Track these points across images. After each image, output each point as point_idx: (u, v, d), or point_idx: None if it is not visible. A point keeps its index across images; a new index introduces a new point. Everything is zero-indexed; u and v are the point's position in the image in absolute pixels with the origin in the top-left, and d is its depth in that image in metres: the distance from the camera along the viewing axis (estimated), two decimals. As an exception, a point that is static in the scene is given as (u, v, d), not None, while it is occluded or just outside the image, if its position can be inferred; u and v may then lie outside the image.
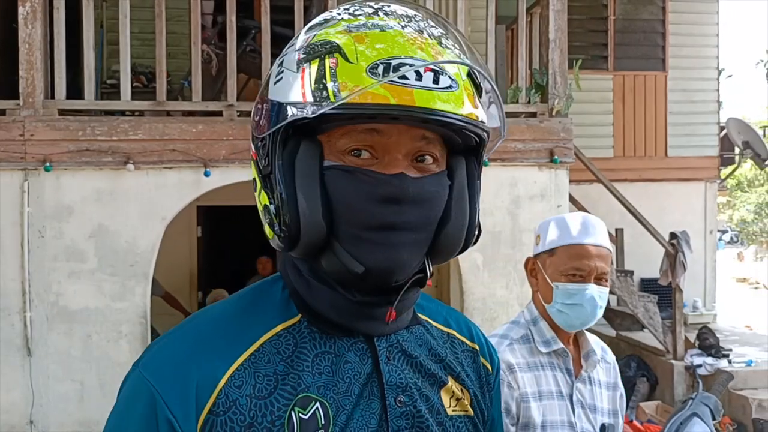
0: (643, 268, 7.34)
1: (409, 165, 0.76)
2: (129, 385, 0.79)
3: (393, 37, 0.74)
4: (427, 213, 0.77)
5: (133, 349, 4.30)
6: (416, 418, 0.81)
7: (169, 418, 0.73)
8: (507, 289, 4.69)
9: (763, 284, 18.04)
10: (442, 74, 0.74)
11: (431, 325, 0.90)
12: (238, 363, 0.77)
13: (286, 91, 0.75)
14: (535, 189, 4.70)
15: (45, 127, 4.24)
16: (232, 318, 0.81)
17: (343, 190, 0.75)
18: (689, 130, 8.22)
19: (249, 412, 0.74)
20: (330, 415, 0.76)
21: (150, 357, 0.79)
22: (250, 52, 5.16)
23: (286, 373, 0.77)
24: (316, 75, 0.73)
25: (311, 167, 0.75)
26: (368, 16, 0.78)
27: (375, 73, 0.71)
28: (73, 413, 4.26)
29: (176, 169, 4.37)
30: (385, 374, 0.80)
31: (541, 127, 4.70)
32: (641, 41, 8.23)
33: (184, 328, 0.82)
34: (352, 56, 0.72)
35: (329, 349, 0.79)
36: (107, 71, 6.69)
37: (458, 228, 0.80)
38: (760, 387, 5.87)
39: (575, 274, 1.57)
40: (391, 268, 0.75)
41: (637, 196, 7.26)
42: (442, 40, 0.79)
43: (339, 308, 0.79)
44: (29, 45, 4.21)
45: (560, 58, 4.76)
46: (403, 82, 0.71)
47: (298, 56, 0.76)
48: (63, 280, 4.25)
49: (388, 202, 0.74)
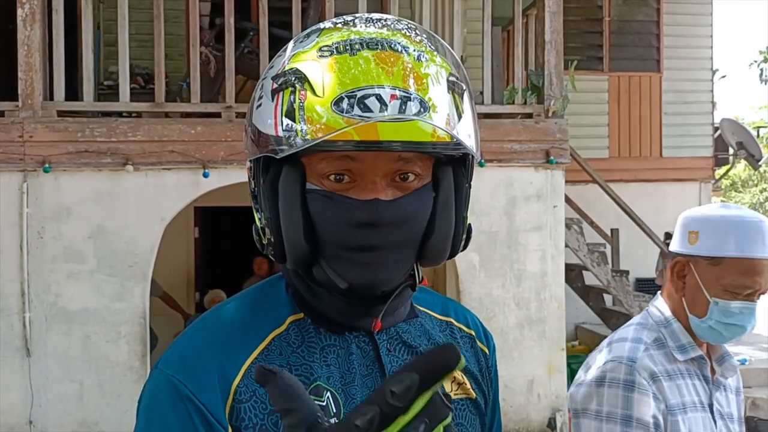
0: (639, 268, 7.38)
1: (388, 186, 0.78)
2: (152, 384, 0.81)
3: (362, 61, 0.75)
4: (407, 232, 0.79)
5: (132, 349, 4.32)
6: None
7: (199, 406, 0.76)
8: (503, 288, 4.73)
9: (758, 284, 18.13)
10: (411, 100, 0.73)
11: (430, 315, 0.93)
12: (253, 357, 0.80)
13: (264, 119, 0.78)
14: (531, 189, 4.74)
15: (44, 128, 4.25)
16: (242, 315, 0.84)
17: (322, 214, 0.78)
18: (684, 131, 8.27)
19: (269, 400, 0.77)
20: (340, 404, 0.80)
21: (169, 356, 0.82)
22: (248, 54, 5.18)
23: (299, 363, 0.81)
24: (286, 107, 0.75)
25: (293, 191, 0.78)
26: (343, 33, 0.78)
27: (339, 107, 0.72)
28: (73, 413, 4.28)
29: (175, 170, 4.39)
30: (386, 365, 0.84)
31: (537, 128, 4.74)
32: (636, 42, 8.28)
33: (198, 326, 0.85)
34: (318, 88, 0.74)
35: (334, 342, 0.83)
36: (104, 73, 6.70)
37: (442, 239, 0.82)
38: (755, 385, 5.92)
39: (740, 292, 1.35)
40: (372, 284, 0.79)
41: (632, 196, 7.31)
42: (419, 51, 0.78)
43: (337, 309, 0.82)
44: (28, 47, 4.22)
45: (556, 59, 4.80)
46: (367, 116, 0.72)
47: (272, 84, 0.78)
48: (62, 281, 4.27)
49: (363, 227, 0.77)
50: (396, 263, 0.80)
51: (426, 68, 0.77)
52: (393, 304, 0.83)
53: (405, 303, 0.87)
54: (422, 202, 0.80)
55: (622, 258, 6.94)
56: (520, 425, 4.69)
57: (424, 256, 0.82)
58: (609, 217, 6.75)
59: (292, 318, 0.84)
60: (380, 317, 0.82)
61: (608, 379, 1.35)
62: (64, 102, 4.36)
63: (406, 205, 0.78)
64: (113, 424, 4.28)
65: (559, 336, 4.80)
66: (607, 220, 6.79)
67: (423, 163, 0.79)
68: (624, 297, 6.23)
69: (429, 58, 0.78)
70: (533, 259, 4.74)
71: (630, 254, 7.10)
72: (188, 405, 0.76)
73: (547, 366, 4.74)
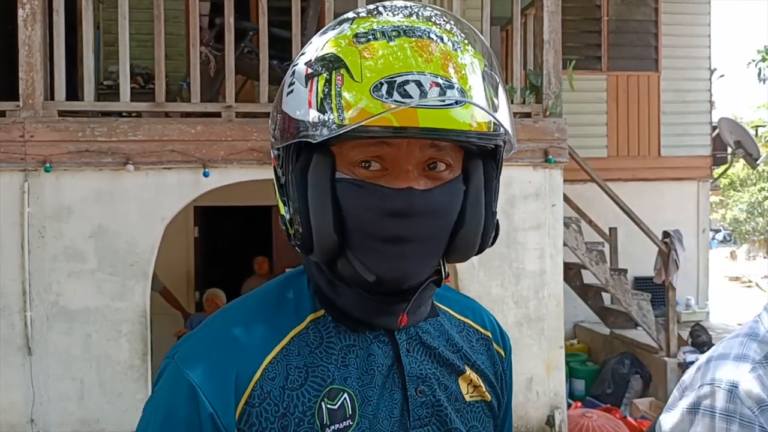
0: (637, 266, 7.42)
1: (420, 175, 0.77)
2: (168, 378, 0.80)
3: (399, 48, 0.73)
4: (438, 224, 0.78)
5: (133, 348, 4.34)
6: (436, 407, 0.84)
7: (211, 412, 0.76)
8: (502, 287, 4.75)
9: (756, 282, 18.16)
10: (450, 87, 0.72)
11: (449, 314, 0.93)
12: (271, 356, 0.80)
13: (296, 105, 0.76)
14: (530, 189, 4.76)
15: (45, 128, 4.27)
16: (262, 312, 0.84)
17: (352, 203, 0.76)
18: (682, 130, 8.30)
19: (282, 402, 0.78)
20: (356, 406, 0.80)
21: (187, 351, 0.81)
22: (248, 54, 5.19)
23: (316, 365, 0.81)
24: (322, 92, 0.74)
25: (323, 180, 0.76)
26: (378, 20, 0.77)
27: (379, 92, 0.71)
28: (74, 412, 4.29)
29: (175, 169, 4.40)
30: (405, 366, 0.83)
31: (536, 128, 4.76)
32: (634, 42, 8.31)
33: (217, 322, 0.84)
34: (356, 73, 0.72)
35: (354, 342, 0.83)
36: (104, 72, 6.72)
37: (472, 233, 0.80)
38: None
39: None
40: (401, 277, 0.78)
41: (630, 195, 7.34)
42: (453, 41, 0.77)
43: (360, 306, 0.81)
44: (29, 47, 4.24)
45: (554, 58, 4.82)
46: (407, 102, 0.70)
47: (306, 70, 0.76)
48: (63, 280, 4.29)
49: (395, 216, 0.75)
50: (424, 256, 0.78)
51: (462, 58, 0.75)
52: (417, 302, 0.82)
53: (427, 301, 0.86)
54: (454, 194, 0.79)
55: (621, 257, 6.98)
56: (519, 422, 4.71)
57: (452, 251, 0.81)
58: (607, 216, 6.78)
59: (312, 316, 0.84)
60: (406, 311, 0.81)
61: (703, 407, 1.07)
62: (65, 102, 4.38)
63: (438, 195, 0.77)
64: (114, 422, 4.29)
65: (557, 334, 4.82)
66: (606, 219, 6.82)
67: (455, 154, 0.78)
68: (622, 295, 6.25)
69: (463, 48, 0.77)
70: (532, 257, 4.76)
71: (628, 253, 7.14)
72: (201, 410, 0.76)
73: (545, 364, 4.77)
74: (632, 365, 6.40)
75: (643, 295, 6.35)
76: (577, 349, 7.60)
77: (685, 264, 7.71)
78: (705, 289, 8.51)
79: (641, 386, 6.28)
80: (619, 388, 6.27)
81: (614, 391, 6.28)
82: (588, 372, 6.82)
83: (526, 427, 4.72)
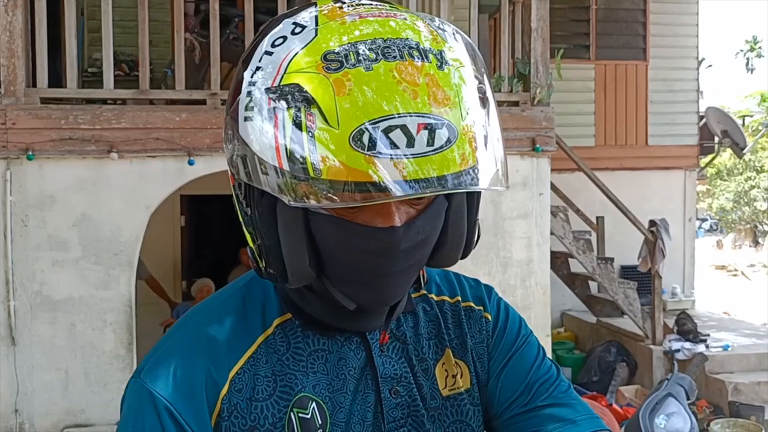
0: (625, 255, 7.44)
1: (401, 203, 0.70)
2: (135, 398, 0.75)
3: (379, 79, 0.63)
4: (421, 252, 0.74)
5: (118, 337, 4.31)
6: (411, 408, 0.82)
7: (182, 424, 0.73)
8: (490, 276, 4.75)
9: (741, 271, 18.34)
10: (440, 128, 0.63)
11: (425, 297, 0.89)
12: (237, 367, 0.76)
13: (260, 143, 0.66)
14: (518, 177, 4.75)
15: (27, 115, 4.21)
16: (227, 320, 0.79)
17: (329, 240, 0.71)
18: (669, 119, 8.33)
19: (249, 415, 0.75)
20: (326, 414, 0.77)
21: (153, 369, 0.76)
22: (233, 40, 5.15)
23: (284, 373, 0.77)
24: (291, 134, 0.63)
25: (295, 215, 0.70)
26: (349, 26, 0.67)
27: (360, 144, 0.62)
28: (59, 402, 4.27)
29: (160, 157, 4.36)
30: (378, 367, 0.81)
31: (523, 116, 4.75)
32: (623, 31, 8.31)
33: (180, 334, 0.80)
34: (331, 117, 0.62)
35: (322, 347, 0.79)
36: (88, 59, 6.64)
37: (454, 248, 0.78)
38: (737, 371, 6.01)
39: None
40: (383, 302, 0.76)
41: (618, 184, 7.36)
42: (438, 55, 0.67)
43: (331, 315, 0.78)
44: (10, 33, 4.17)
45: (542, 47, 4.81)
46: (394, 154, 0.62)
47: (269, 102, 0.65)
48: (47, 269, 4.25)
49: (379, 256, 0.70)
50: (406, 280, 0.76)
51: (451, 77, 0.66)
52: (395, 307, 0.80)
53: (403, 300, 0.83)
54: (436, 218, 0.74)
55: (608, 245, 7.01)
56: (505, 411, 4.74)
57: (434, 263, 0.78)
58: (595, 205, 6.80)
59: (279, 320, 0.80)
60: (386, 328, 0.78)
61: None
62: (48, 89, 4.32)
63: (421, 226, 0.72)
64: (99, 412, 4.27)
65: (544, 322, 4.84)
66: (593, 208, 6.85)
67: None
68: (609, 284, 6.29)
69: (451, 60, 0.67)
70: (519, 246, 4.77)
71: (615, 242, 7.17)
72: (169, 420, 0.72)
73: (532, 352, 4.79)
74: (618, 353, 6.44)
75: (630, 284, 6.38)
76: (564, 337, 7.65)
77: (672, 253, 7.75)
78: (691, 278, 8.57)
79: (627, 374, 6.33)
80: (605, 375, 6.31)
81: (600, 378, 6.32)
82: (575, 360, 6.86)
83: (512, 415, 4.75)
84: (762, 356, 6.14)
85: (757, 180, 20.09)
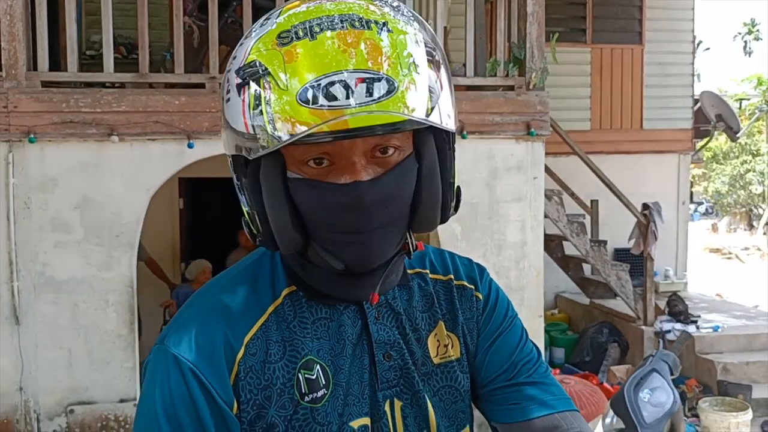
0: (619, 238, 7.53)
1: (369, 163, 0.78)
2: (162, 362, 0.82)
3: (322, 45, 0.73)
4: (392, 209, 0.80)
5: (120, 317, 4.40)
6: (403, 370, 0.90)
7: (206, 384, 0.80)
8: (484, 258, 4.83)
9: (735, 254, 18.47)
10: (378, 80, 0.72)
11: (421, 274, 0.96)
12: (252, 333, 0.84)
13: (234, 115, 0.77)
14: (512, 161, 4.82)
15: (28, 99, 4.26)
16: (241, 288, 0.87)
17: (306, 201, 0.79)
18: (664, 103, 8.38)
19: (264, 375, 0.83)
20: (329, 375, 0.86)
21: (176, 336, 0.83)
22: (232, 24, 5.17)
23: (292, 338, 0.86)
24: (253, 103, 0.74)
25: (275, 182, 0.79)
26: (303, 11, 0.76)
27: (305, 99, 0.71)
28: (62, 380, 4.36)
29: (160, 140, 4.42)
30: (373, 333, 0.88)
31: (519, 101, 4.80)
32: (619, 14, 8.33)
33: (198, 304, 0.88)
34: (281, 81, 0.73)
35: (325, 315, 0.87)
36: (86, 42, 6.65)
37: (431, 208, 0.83)
38: (726, 351, 6.13)
39: None
40: (366, 262, 0.82)
41: (613, 167, 7.43)
42: (381, 24, 0.75)
43: (330, 284, 0.86)
44: (11, 16, 4.21)
45: (537, 31, 4.85)
46: (335, 105, 0.71)
47: (237, 79, 0.76)
48: (49, 251, 4.32)
49: (347, 210, 0.78)
50: (388, 239, 0.81)
51: (392, 41, 0.74)
52: (386, 276, 0.86)
53: (398, 270, 0.90)
54: (405, 177, 0.80)
55: (602, 228, 7.09)
56: (499, 389, 4.85)
57: (416, 225, 0.84)
58: (590, 188, 6.87)
59: (288, 290, 0.88)
60: (377, 290, 0.85)
61: None
62: (48, 72, 4.36)
63: (387, 182, 0.78)
64: (102, 390, 4.37)
65: (537, 303, 4.93)
66: (588, 191, 6.92)
67: (401, 135, 0.79)
68: (602, 266, 6.38)
69: (394, 29, 0.75)
70: (513, 229, 4.85)
71: (609, 225, 7.25)
72: (194, 381, 0.80)
73: (525, 332, 4.88)
74: (610, 334, 6.56)
75: (622, 266, 6.48)
76: (559, 318, 7.76)
77: (665, 236, 7.85)
78: (684, 260, 8.68)
79: (618, 354, 6.45)
80: (597, 355, 6.44)
81: (593, 358, 6.44)
82: (568, 341, 6.98)
83: (505, 393, 4.86)
84: (751, 337, 6.26)
85: (752, 164, 20.16)
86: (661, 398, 2.34)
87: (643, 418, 2.33)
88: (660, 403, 2.33)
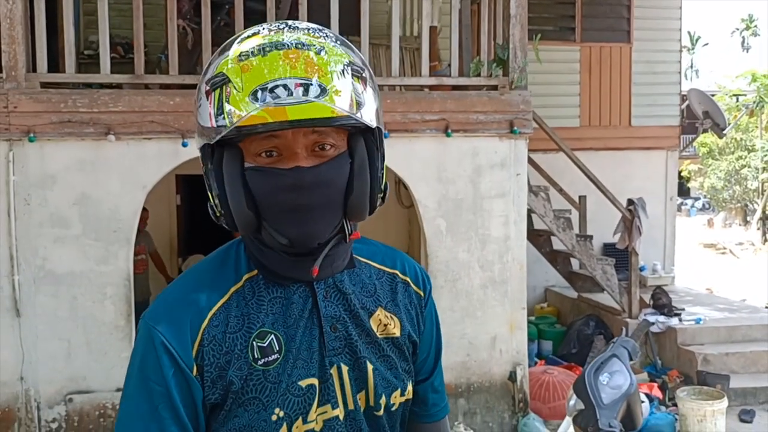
0: (606, 233, 7.67)
1: (309, 156, 0.98)
2: (141, 333, 1.03)
3: (271, 60, 0.93)
4: (328, 192, 0.99)
5: (117, 309, 4.56)
6: (347, 341, 1.08)
7: (171, 351, 0.99)
8: (468, 252, 4.99)
9: (729, 249, 18.62)
10: (312, 85, 0.92)
11: (369, 265, 1.15)
12: (215, 309, 1.03)
13: (203, 116, 0.98)
14: (496, 158, 4.98)
15: (28, 99, 4.42)
16: (209, 273, 1.08)
17: (258, 185, 0.98)
18: (652, 101, 8.53)
19: (225, 343, 1.02)
20: (282, 343, 1.03)
21: (152, 308, 1.05)
22: (225, 26, 5.33)
23: (249, 314, 1.04)
24: (216, 103, 0.95)
25: (234, 170, 0.98)
26: (260, 36, 0.97)
27: (255, 97, 0.92)
28: (62, 370, 4.53)
29: (155, 139, 4.58)
30: (321, 309, 1.06)
31: (502, 100, 4.96)
32: (607, 13, 8.48)
33: (175, 284, 1.09)
34: (239, 86, 0.93)
35: (279, 294, 1.06)
36: (84, 42, 6.81)
37: (361, 197, 1.01)
38: (707, 343, 6.29)
39: None
40: (306, 238, 0.99)
41: (601, 164, 7.60)
42: (318, 47, 0.95)
43: (281, 264, 1.04)
44: (11, 20, 4.36)
45: (521, 33, 5.00)
46: (278, 101, 0.91)
47: (206, 88, 0.97)
48: (49, 245, 4.48)
49: (290, 190, 0.97)
50: (325, 219, 1.00)
51: (325, 60, 0.95)
52: (329, 257, 1.04)
53: (342, 256, 1.07)
54: (339, 168, 0.99)
55: (590, 223, 7.24)
56: (483, 378, 5.01)
57: (349, 212, 1.02)
58: (579, 184, 7.02)
59: (248, 275, 1.06)
60: (317, 265, 1.03)
61: None
62: (47, 74, 4.51)
63: (324, 170, 0.97)
64: (101, 379, 4.54)
65: (520, 296, 5.09)
66: (577, 187, 7.07)
67: (337, 135, 0.98)
68: (587, 260, 6.54)
69: (329, 52, 0.96)
70: (497, 224, 5.01)
71: (597, 220, 7.40)
72: (162, 350, 0.99)
73: (509, 324, 5.05)
74: (596, 326, 6.73)
75: (608, 260, 6.64)
76: (548, 312, 7.93)
77: (653, 231, 8.01)
78: (671, 255, 8.83)
79: (604, 346, 6.59)
80: (583, 347, 6.60)
81: (579, 350, 6.61)
82: (556, 333, 7.15)
83: (489, 382, 5.03)
84: (732, 329, 6.43)
85: (747, 159, 20.28)
86: (619, 381, 2.50)
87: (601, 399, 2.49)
88: (618, 385, 2.50)
